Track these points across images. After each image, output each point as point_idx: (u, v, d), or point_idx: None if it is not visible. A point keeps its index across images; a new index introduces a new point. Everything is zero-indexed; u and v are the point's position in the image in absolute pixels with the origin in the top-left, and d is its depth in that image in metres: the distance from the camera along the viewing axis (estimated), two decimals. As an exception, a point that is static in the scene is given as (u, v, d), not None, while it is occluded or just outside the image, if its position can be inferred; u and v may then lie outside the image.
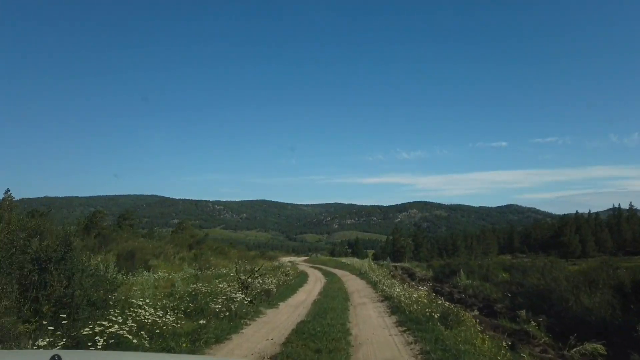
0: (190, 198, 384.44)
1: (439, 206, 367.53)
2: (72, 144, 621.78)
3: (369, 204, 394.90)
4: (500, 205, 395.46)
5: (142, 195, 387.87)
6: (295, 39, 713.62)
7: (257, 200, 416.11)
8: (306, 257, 48.94)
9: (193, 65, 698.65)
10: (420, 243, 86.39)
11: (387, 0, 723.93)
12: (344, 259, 47.15)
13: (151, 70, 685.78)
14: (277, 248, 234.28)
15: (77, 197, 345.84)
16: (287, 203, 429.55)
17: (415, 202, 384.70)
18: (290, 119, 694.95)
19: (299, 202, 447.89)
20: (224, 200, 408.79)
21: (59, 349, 5.62)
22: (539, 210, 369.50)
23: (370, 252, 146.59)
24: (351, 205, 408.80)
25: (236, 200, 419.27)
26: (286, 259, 42.46)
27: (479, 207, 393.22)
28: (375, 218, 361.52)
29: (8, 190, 15.58)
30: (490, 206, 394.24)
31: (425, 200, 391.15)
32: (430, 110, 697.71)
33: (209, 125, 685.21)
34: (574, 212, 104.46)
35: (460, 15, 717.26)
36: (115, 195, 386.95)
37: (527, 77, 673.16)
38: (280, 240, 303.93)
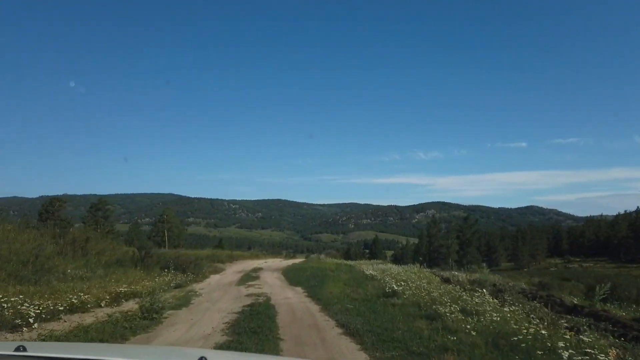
0: (206, 197, 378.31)
1: (458, 207, 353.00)
2: (91, 144, 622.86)
3: (385, 204, 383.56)
4: (520, 206, 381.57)
5: (159, 193, 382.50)
6: (312, 42, 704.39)
7: (272, 200, 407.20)
8: (300, 260, 36.91)
9: (212, 67, 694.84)
10: (468, 242, 66.84)
11: (406, 6, 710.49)
12: (365, 265, 30.30)
13: (169, 71, 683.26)
14: (291, 248, 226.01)
15: (94, 194, 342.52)
16: (303, 203, 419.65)
17: (432, 202, 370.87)
18: (306, 120, 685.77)
19: (314, 202, 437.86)
20: (240, 199, 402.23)
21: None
22: (560, 211, 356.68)
23: (388, 252, 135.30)
24: (367, 205, 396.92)
25: (251, 199, 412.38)
26: (256, 263, 28.61)
27: (499, 208, 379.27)
28: (391, 218, 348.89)
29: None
30: (509, 207, 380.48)
31: (443, 200, 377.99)
32: (447, 110, 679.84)
33: (226, 125, 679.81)
34: (598, 214, 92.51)
35: (481, 17, 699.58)
36: (132, 193, 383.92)
37: (547, 77, 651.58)
38: (295, 240, 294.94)
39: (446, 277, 24.79)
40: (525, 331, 6.99)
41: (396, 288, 13.08)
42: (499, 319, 8.81)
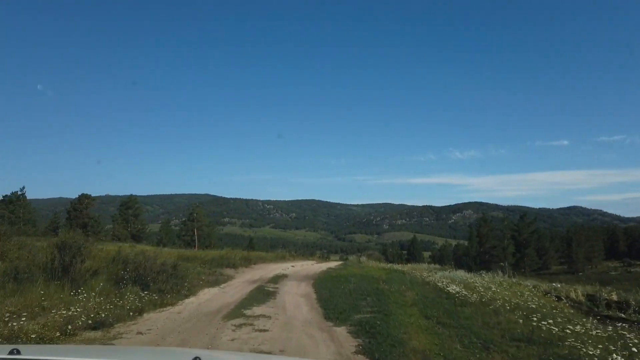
0: (242, 197, 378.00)
1: (496, 207, 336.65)
2: (135, 148, 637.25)
3: (420, 205, 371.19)
4: (562, 206, 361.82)
5: (196, 194, 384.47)
6: (351, 41, 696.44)
7: (306, 200, 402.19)
8: (336, 263, 29.53)
9: (249, 68, 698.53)
10: (525, 243, 58.15)
11: (438, 8, 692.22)
12: (424, 271, 23.12)
13: (210, 75, 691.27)
14: (325, 248, 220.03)
15: (135, 195, 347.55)
16: (336, 203, 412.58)
17: (469, 202, 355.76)
18: (341, 121, 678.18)
19: (348, 202, 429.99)
20: (274, 199, 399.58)
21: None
22: (606, 212, 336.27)
23: (425, 254, 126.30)
24: (401, 206, 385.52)
25: (286, 199, 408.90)
26: (281, 268, 21.68)
27: (539, 208, 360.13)
28: (427, 219, 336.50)
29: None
30: (551, 208, 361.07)
31: (480, 200, 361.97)
32: (485, 108, 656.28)
33: (261, 126, 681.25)
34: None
35: (528, 17, 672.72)
36: (171, 194, 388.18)
37: (592, 72, 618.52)
38: (329, 240, 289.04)
39: (544, 289, 17.16)
40: None
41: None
42: None
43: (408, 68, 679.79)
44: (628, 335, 6.96)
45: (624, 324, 9.55)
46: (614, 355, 5.52)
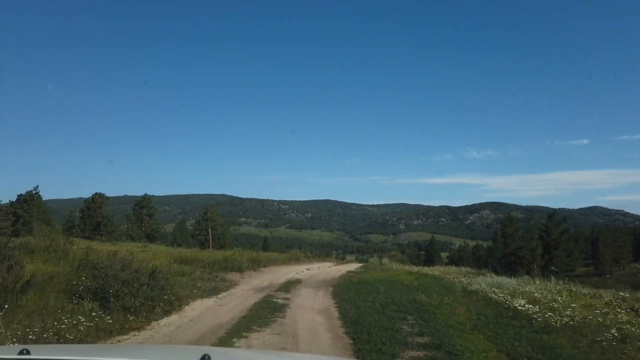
0: (257, 197, 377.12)
1: (514, 207, 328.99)
2: (149, 147, 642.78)
3: (436, 205, 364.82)
4: (582, 207, 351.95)
5: (212, 194, 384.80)
6: (365, 42, 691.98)
7: (321, 200, 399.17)
8: (355, 265, 26.19)
9: (264, 65, 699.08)
10: (555, 243, 52.90)
11: (456, 8, 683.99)
12: (461, 276, 20.20)
13: (225, 74, 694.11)
14: (341, 248, 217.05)
15: (153, 195, 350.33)
16: (352, 203, 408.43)
17: (487, 202, 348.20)
18: (355, 120, 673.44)
19: (363, 202, 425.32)
20: (290, 199, 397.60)
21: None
22: (627, 212, 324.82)
23: (443, 254, 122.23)
24: (417, 206, 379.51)
25: (301, 199, 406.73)
26: (295, 271, 19.33)
27: (559, 208, 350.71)
28: (444, 219, 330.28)
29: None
30: (571, 208, 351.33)
31: (498, 200, 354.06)
32: (503, 107, 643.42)
33: (276, 126, 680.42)
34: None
35: (547, 16, 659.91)
36: (188, 194, 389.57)
37: (612, 70, 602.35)
38: (345, 241, 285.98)
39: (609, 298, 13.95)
40: None
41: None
42: None
43: (424, 68, 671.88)
44: None
45: None
46: None
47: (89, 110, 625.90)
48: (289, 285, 14.28)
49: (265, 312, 9.02)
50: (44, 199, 73.82)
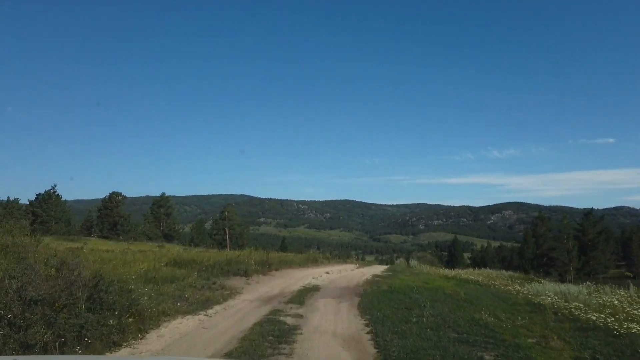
0: (276, 197, 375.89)
1: (537, 207, 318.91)
2: (171, 148, 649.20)
3: (457, 205, 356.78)
4: (608, 207, 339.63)
5: (232, 194, 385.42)
6: (385, 39, 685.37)
7: (340, 200, 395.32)
8: (380, 268, 23.09)
9: (283, 65, 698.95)
10: (592, 244, 48.90)
11: (481, 6, 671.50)
12: (524, 284, 16.42)
13: (243, 77, 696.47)
14: (360, 248, 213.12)
15: (173, 196, 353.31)
16: (371, 203, 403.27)
17: (509, 202, 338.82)
18: (373, 120, 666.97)
19: (382, 202, 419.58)
20: (308, 199, 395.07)
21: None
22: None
23: (465, 255, 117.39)
24: (438, 206, 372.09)
25: (320, 199, 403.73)
26: (312, 275, 16.71)
27: (583, 208, 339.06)
28: (465, 219, 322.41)
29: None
30: (596, 208, 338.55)
31: (520, 200, 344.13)
32: (525, 105, 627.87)
33: (295, 127, 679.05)
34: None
35: (566, 14, 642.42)
36: (208, 194, 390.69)
37: (636, 65, 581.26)
38: (364, 241, 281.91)
39: None
40: None
41: None
42: None
43: (445, 67, 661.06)
44: None
45: None
46: None
47: (117, 113, 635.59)
48: (304, 295, 11.27)
49: (265, 344, 6.03)
50: (69, 199, 72.30)
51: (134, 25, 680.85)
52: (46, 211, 75.67)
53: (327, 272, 18.62)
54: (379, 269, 24.55)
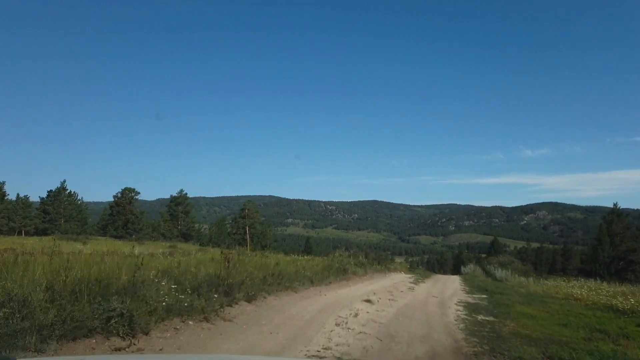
0: (304, 198, 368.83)
1: (573, 207, 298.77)
2: (200, 149, 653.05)
3: (488, 205, 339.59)
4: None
5: (260, 195, 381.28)
6: (414, 38, 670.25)
7: (368, 201, 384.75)
8: (456, 280, 15.76)
9: (311, 71, 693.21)
10: None
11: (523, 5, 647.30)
12: None
13: (271, 78, 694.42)
14: (389, 249, 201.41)
15: (203, 197, 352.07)
16: (399, 204, 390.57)
17: (543, 202, 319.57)
18: (402, 120, 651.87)
19: (411, 203, 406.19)
20: (336, 200, 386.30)
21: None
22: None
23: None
24: (468, 207, 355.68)
25: (348, 200, 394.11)
26: (348, 298, 10.16)
27: (623, 209, 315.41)
28: (497, 220, 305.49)
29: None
30: (636, 208, 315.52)
31: (555, 201, 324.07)
32: (559, 104, 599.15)
33: (323, 128, 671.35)
34: None
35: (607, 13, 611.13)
36: (237, 195, 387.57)
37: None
38: (393, 242, 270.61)
39: None
40: None
41: None
42: None
43: (475, 65, 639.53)
44: None
45: None
46: None
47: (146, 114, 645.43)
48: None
49: None
50: (95, 200, 65.53)
51: (194, 20, 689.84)
52: (56, 209, 68.74)
53: (374, 292, 9.51)
54: (452, 285, 15.20)
